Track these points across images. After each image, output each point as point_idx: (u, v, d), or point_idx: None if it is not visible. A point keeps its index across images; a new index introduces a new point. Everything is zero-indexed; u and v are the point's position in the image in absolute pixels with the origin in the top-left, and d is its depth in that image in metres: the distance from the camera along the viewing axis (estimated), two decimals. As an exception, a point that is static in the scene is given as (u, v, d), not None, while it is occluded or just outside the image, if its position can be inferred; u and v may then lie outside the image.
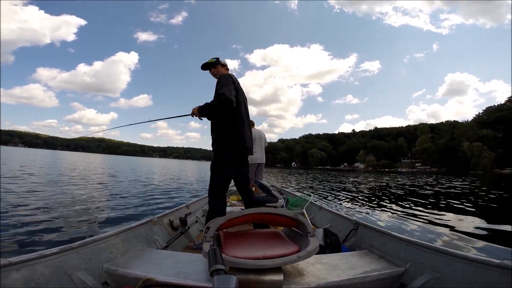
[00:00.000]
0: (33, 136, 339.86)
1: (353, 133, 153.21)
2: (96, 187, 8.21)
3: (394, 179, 21.41)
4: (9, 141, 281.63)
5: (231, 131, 2.13)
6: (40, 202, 5.12)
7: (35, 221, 3.72)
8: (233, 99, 1.98)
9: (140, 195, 7.05)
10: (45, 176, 10.15)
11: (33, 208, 4.55)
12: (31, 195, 5.73)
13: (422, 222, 4.65)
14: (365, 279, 1.36)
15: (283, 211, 1.50)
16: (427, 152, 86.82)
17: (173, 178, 14.44)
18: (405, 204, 6.89)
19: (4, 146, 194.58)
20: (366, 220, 3.93)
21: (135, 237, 1.87)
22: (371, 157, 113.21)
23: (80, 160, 31.50)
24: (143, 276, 1.29)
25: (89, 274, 1.36)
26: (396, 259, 1.59)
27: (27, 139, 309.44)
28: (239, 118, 2.17)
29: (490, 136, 69.02)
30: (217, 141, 2.15)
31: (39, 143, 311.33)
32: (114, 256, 1.57)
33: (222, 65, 2.37)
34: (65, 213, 4.36)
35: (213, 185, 2.16)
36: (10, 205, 4.64)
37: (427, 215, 5.32)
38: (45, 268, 1.22)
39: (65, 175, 11.41)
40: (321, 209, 3.13)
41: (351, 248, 2.04)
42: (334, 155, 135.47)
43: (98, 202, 5.66)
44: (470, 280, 1.20)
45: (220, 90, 1.96)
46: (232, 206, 3.87)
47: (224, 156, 2.13)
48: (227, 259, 1.18)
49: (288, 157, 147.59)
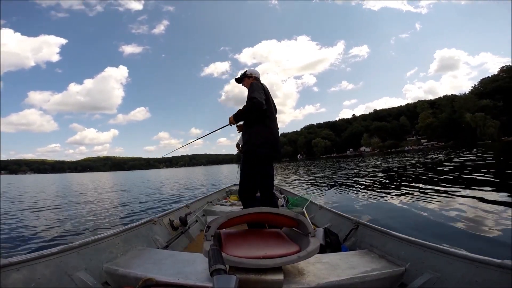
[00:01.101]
0: (40, 162, 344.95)
1: (354, 118, 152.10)
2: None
3: (405, 159, 20.82)
4: (18, 170, 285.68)
5: (262, 134, 2.24)
6: (47, 211, 5.10)
7: (35, 221, 3.82)
8: (263, 102, 2.18)
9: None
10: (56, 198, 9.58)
11: (33, 209, 4.68)
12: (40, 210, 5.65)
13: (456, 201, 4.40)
14: (366, 279, 1.36)
15: (284, 211, 1.50)
16: (431, 127, 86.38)
17: (204, 184, 14.44)
18: (429, 185, 6.43)
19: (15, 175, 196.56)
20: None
21: (135, 237, 1.89)
22: (376, 139, 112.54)
23: (96, 179, 31.36)
24: (143, 276, 1.30)
25: (89, 274, 1.38)
26: (396, 258, 1.58)
27: (35, 166, 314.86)
28: (269, 120, 2.31)
29: (490, 106, 68.42)
30: (249, 142, 2.26)
31: (47, 168, 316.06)
32: (114, 256, 1.58)
33: (248, 77, 2.57)
34: (68, 215, 4.45)
35: (243, 184, 2.31)
36: (13, 208, 4.75)
37: (457, 192, 5.10)
38: (45, 268, 1.23)
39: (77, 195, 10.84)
40: (321, 209, 3.11)
41: (351, 248, 2.04)
42: (338, 141, 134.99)
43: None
44: (470, 279, 1.20)
45: (251, 94, 2.19)
46: (232, 205, 3.88)
47: (254, 157, 2.24)
48: (228, 258, 1.18)
49: (293, 150, 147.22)
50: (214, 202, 4.12)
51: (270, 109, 2.35)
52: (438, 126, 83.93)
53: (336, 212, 2.71)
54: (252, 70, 2.62)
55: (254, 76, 2.57)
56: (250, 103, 2.16)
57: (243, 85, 2.62)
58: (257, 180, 2.29)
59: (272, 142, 2.27)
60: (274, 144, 2.28)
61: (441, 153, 24.75)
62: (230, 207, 3.72)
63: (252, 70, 2.61)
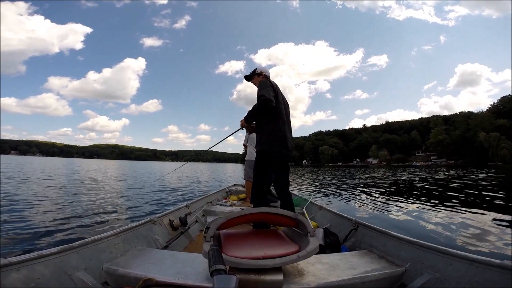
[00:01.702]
0: (50, 145, 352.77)
1: (364, 128, 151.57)
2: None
3: (413, 173, 20.73)
4: (28, 151, 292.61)
5: (274, 132, 2.21)
6: (47, 203, 5.26)
7: (35, 221, 3.80)
8: (272, 99, 2.14)
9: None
10: (60, 182, 10.01)
11: (33, 209, 4.67)
12: (41, 199, 5.83)
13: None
14: (365, 279, 1.36)
15: (283, 211, 1.50)
16: (442, 144, 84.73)
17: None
18: (439, 201, 6.26)
19: (24, 156, 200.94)
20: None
21: (135, 237, 1.88)
22: (384, 152, 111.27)
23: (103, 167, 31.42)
24: (143, 276, 1.30)
25: (89, 274, 1.37)
26: (396, 259, 1.58)
27: (44, 148, 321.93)
28: (280, 118, 2.26)
29: (507, 126, 66.75)
30: (261, 142, 2.24)
31: (55, 151, 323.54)
32: (114, 256, 1.58)
33: (258, 74, 2.55)
34: (68, 214, 4.46)
35: (256, 185, 2.25)
36: (13, 206, 4.75)
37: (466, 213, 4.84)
38: (45, 268, 1.22)
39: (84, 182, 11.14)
40: (321, 209, 3.11)
41: (351, 248, 2.04)
42: (346, 151, 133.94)
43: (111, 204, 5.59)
44: (470, 280, 1.20)
45: (260, 92, 2.16)
46: (232, 206, 3.89)
47: (267, 157, 2.21)
48: (227, 259, 1.18)
49: (299, 155, 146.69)
50: (214, 202, 4.11)
51: (280, 106, 2.30)
52: (449, 144, 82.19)
53: (336, 213, 2.71)
54: (262, 67, 2.59)
55: (264, 74, 2.54)
56: (259, 101, 2.13)
57: (253, 82, 2.59)
58: (270, 181, 2.26)
59: (283, 140, 2.23)
60: (285, 143, 2.24)
61: (450, 170, 24.39)
62: (230, 207, 3.72)
63: (262, 68, 2.58)
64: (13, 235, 3.15)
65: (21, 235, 3.15)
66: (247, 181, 4.70)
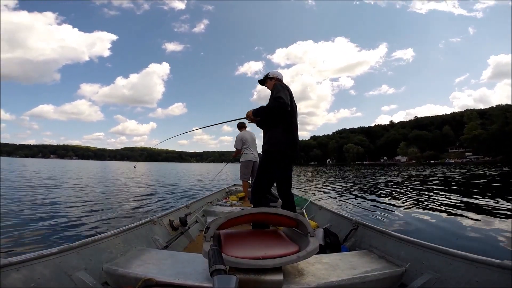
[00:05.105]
0: (85, 149, 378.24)
1: (391, 125, 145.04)
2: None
3: (452, 172, 18.86)
4: (65, 155, 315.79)
5: (283, 134, 2.24)
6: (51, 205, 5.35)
7: (35, 221, 3.87)
8: (289, 102, 2.19)
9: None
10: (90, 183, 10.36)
11: (33, 209, 4.80)
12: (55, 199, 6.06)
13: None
14: (365, 279, 1.35)
15: (283, 211, 1.50)
16: (478, 140, 79.16)
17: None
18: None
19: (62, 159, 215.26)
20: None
21: (135, 237, 1.89)
22: (414, 149, 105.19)
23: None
24: (143, 276, 1.30)
25: (89, 274, 1.38)
26: (396, 259, 1.57)
27: (80, 152, 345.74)
28: (292, 122, 2.31)
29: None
30: (269, 142, 2.28)
31: (90, 155, 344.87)
32: (114, 256, 1.59)
33: (270, 78, 2.62)
34: (73, 214, 4.56)
35: (257, 183, 2.31)
36: (16, 207, 4.86)
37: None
38: (45, 268, 1.23)
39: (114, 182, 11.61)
40: (321, 209, 3.10)
41: (351, 248, 2.03)
42: (372, 149, 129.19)
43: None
44: (470, 280, 1.20)
45: (277, 94, 2.18)
46: (232, 206, 3.88)
47: (273, 157, 2.25)
48: (227, 259, 1.19)
49: (322, 154, 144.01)
50: (214, 202, 4.14)
51: (293, 111, 2.36)
52: (486, 139, 76.62)
53: (336, 213, 2.73)
54: (275, 72, 2.65)
55: (277, 78, 2.61)
56: (277, 103, 2.14)
57: (266, 86, 2.67)
58: (273, 180, 2.32)
59: (292, 143, 2.28)
60: (293, 145, 2.30)
61: (491, 168, 22.48)
62: (229, 207, 3.73)
63: (275, 72, 2.65)
64: (13, 235, 3.18)
65: (21, 235, 3.19)
66: (243, 181, 4.85)
